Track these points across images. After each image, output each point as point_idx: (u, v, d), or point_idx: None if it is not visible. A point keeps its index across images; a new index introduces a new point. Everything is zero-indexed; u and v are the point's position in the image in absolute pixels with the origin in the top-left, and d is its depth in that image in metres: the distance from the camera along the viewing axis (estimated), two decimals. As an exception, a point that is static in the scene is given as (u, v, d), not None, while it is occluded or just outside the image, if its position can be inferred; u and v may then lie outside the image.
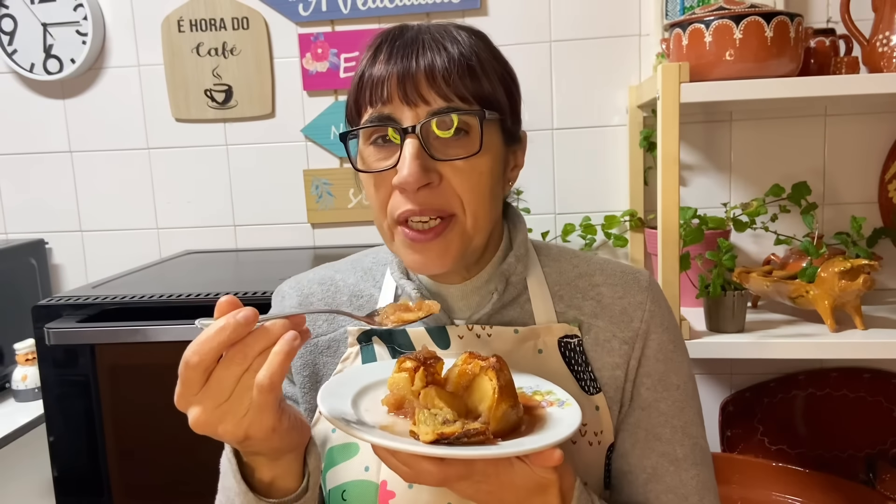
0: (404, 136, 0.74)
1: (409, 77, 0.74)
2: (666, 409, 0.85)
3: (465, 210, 0.77)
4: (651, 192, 1.71)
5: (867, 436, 1.67)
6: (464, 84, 0.74)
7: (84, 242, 1.94)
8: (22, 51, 1.84)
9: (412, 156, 0.73)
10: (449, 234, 0.77)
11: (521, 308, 0.86)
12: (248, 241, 1.90)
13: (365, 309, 0.89)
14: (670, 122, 1.27)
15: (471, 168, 0.76)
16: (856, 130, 1.67)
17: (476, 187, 0.76)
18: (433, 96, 0.74)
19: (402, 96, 0.74)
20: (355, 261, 0.95)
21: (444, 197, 0.76)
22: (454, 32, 0.78)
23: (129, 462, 1.37)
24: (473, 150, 0.75)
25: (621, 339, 0.84)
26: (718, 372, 1.78)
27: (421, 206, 0.75)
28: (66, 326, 1.31)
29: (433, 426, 0.63)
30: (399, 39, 0.77)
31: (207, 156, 1.87)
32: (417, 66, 0.74)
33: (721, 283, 1.37)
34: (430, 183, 0.74)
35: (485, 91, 0.76)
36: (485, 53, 0.78)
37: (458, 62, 0.74)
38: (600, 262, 0.90)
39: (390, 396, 0.71)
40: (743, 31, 1.25)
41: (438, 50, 0.75)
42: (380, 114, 0.75)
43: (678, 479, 0.83)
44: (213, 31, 1.81)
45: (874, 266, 1.31)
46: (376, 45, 0.78)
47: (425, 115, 0.74)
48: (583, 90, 1.74)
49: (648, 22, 1.69)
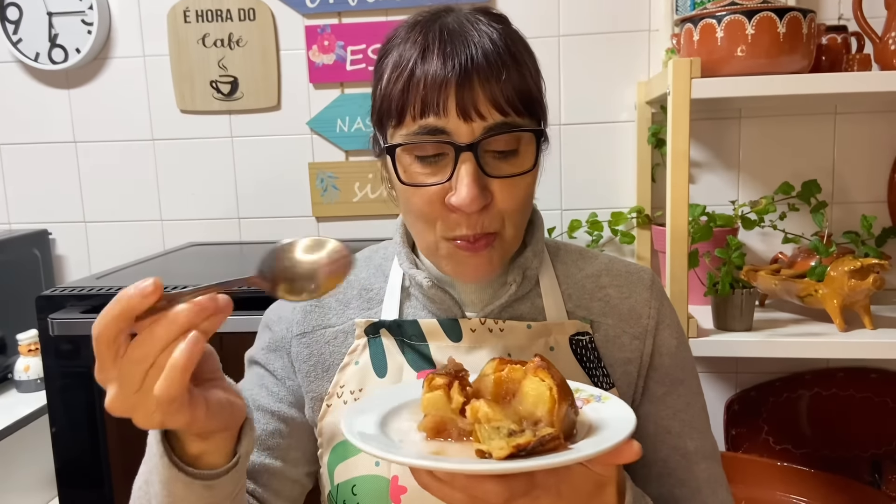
0: (460, 153, 0.71)
1: (467, 87, 0.70)
2: (674, 403, 0.86)
3: (507, 224, 0.76)
4: (658, 189, 1.70)
5: (873, 436, 1.66)
6: (517, 93, 0.72)
7: (88, 233, 1.93)
8: (27, 40, 1.83)
9: (472, 177, 0.71)
10: (493, 248, 0.76)
11: (531, 303, 0.85)
12: (253, 233, 1.89)
13: (373, 301, 0.88)
14: (681, 118, 1.25)
15: (519, 184, 0.75)
16: (866, 129, 1.65)
17: (523, 203, 0.77)
18: (489, 109, 0.71)
19: (461, 111, 0.70)
20: (369, 257, 0.93)
21: (490, 217, 0.75)
22: (489, 25, 0.74)
23: (130, 453, 1.37)
24: (526, 168, 0.74)
25: (631, 335, 0.85)
26: (724, 371, 1.77)
27: (474, 230, 0.74)
28: (69, 317, 1.31)
29: (505, 440, 0.57)
30: (446, 32, 0.72)
31: (212, 148, 1.86)
32: (475, 72, 0.70)
33: (730, 281, 1.36)
34: (486, 204, 0.73)
35: (532, 93, 0.74)
36: (521, 44, 0.76)
37: (507, 59, 0.72)
38: (604, 261, 0.90)
39: (428, 420, 0.63)
40: (755, 27, 1.24)
41: (486, 45, 0.71)
42: (434, 127, 0.71)
43: (690, 472, 0.84)
44: (220, 22, 1.80)
45: (884, 265, 1.31)
46: (421, 34, 0.73)
47: (481, 130, 0.71)
48: (591, 86, 1.73)
49: (658, 17, 1.68)
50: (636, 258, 1.74)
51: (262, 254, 0.62)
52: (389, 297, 0.87)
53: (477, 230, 0.74)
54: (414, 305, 0.86)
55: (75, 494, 1.37)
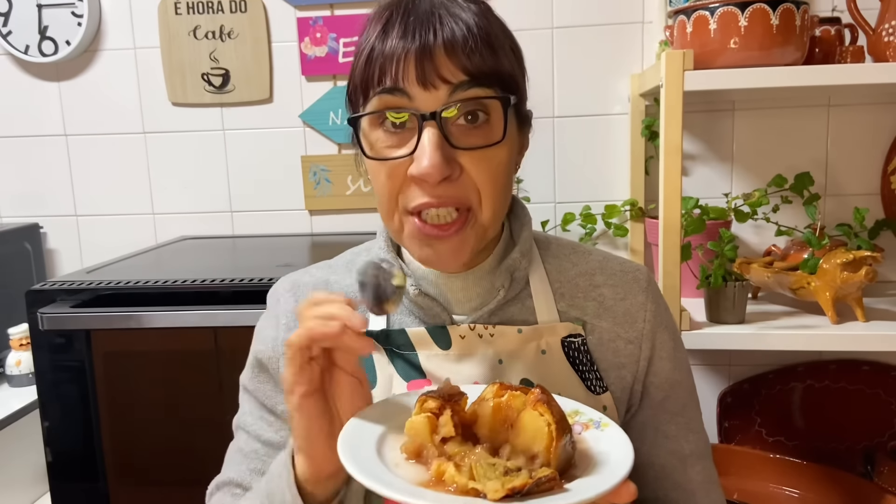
0: (422, 123, 0.68)
1: (427, 54, 0.68)
2: (671, 407, 0.85)
3: (483, 203, 0.72)
4: (652, 182, 1.69)
5: (865, 428, 1.67)
6: (484, 59, 0.69)
7: (79, 227, 1.92)
8: (16, 32, 1.81)
9: (434, 146, 0.68)
10: (466, 231, 0.73)
11: (522, 304, 0.82)
12: (245, 227, 1.88)
13: (360, 310, 0.85)
14: (674, 110, 1.25)
15: (491, 157, 0.71)
16: (859, 121, 1.65)
17: (495, 178, 0.72)
18: (453, 71, 0.68)
19: (420, 77, 0.68)
20: (350, 261, 0.90)
21: (463, 189, 0.71)
22: (463, 3, 0.72)
23: (123, 447, 1.36)
24: (496, 139, 0.70)
25: (626, 340, 0.82)
26: (717, 363, 1.77)
27: (439, 199, 0.70)
28: (60, 311, 1.30)
29: (500, 479, 0.55)
30: (413, 12, 0.71)
31: (204, 141, 1.85)
32: (436, 41, 0.68)
33: (722, 273, 1.36)
34: (451, 175, 0.70)
35: (504, 68, 0.71)
36: (497, 25, 0.74)
37: (478, 34, 0.69)
38: (599, 258, 0.87)
39: (409, 443, 0.62)
40: (748, 19, 1.23)
41: (456, 21, 0.69)
42: (393, 95, 0.69)
43: (685, 475, 0.84)
44: (211, 14, 1.78)
45: (877, 258, 1.31)
46: (386, 16, 0.72)
47: (446, 95, 0.68)
48: (584, 78, 1.72)
49: (651, 9, 1.67)
50: (629, 251, 1.74)
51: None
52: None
53: (442, 200, 0.70)
54: (401, 312, 0.83)
55: (68, 488, 1.37)
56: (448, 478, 0.57)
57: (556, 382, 0.78)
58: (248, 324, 0.93)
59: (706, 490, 0.85)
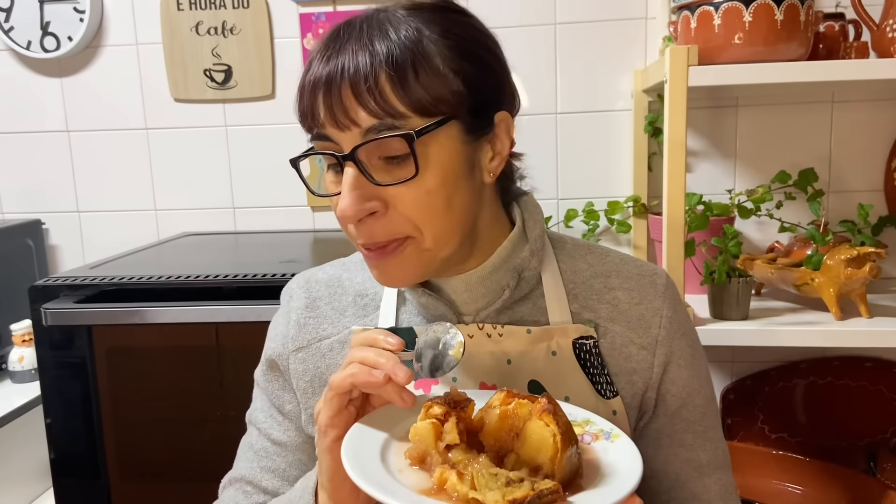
0: (343, 163, 0.68)
1: (334, 93, 0.67)
2: (688, 415, 0.83)
3: (422, 230, 0.71)
4: (655, 178, 1.69)
5: (868, 425, 1.66)
6: (395, 93, 0.66)
7: (81, 223, 1.92)
8: (18, 28, 1.81)
9: (349, 186, 0.68)
10: (405, 252, 0.72)
11: (533, 304, 0.81)
12: (248, 223, 1.88)
13: (369, 307, 0.85)
14: (678, 106, 1.25)
15: (417, 188, 0.68)
16: (863, 117, 1.65)
17: (426, 207, 0.70)
18: (362, 115, 0.66)
19: (331, 119, 0.68)
20: (362, 259, 0.89)
21: (392, 224, 0.70)
22: (390, 24, 0.69)
23: (126, 444, 1.36)
24: (410, 175, 0.67)
25: (639, 345, 0.81)
26: (720, 359, 1.77)
27: (365, 239, 0.71)
28: (62, 307, 1.30)
29: (501, 490, 0.55)
30: (345, 34, 0.69)
31: (206, 137, 1.85)
32: (342, 79, 0.67)
33: (726, 269, 1.36)
34: (375, 212, 0.69)
35: (419, 97, 0.67)
36: (429, 41, 0.68)
37: (384, 67, 0.66)
38: (615, 260, 0.85)
39: (412, 449, 0.62)
40: (753, 14, 1.23)
41: (364, 51, 0.67)
42: (318, 135, 0.70)
43: (702, 485, 0.82)
44: (213, 10, 1.78)
45: (880, 254, 1.30)
46: (325, 38, 0.71)
47: (360, 135, 0.67)
48: (587, 74, 1.72)
49: (655, 5, 1.66)
50: (632, 247, 1.74)
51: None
52: (385, 302, 0.84)
53: (369, 239, 0.71)
54: (410, 311, 0.83)
55: (70, 484, 1.37)
56: (450, 486, 0.57)
57: (565, 385, 0.77)
58: (251, 320, 0.93)
59: (724, 500, 0.82)
